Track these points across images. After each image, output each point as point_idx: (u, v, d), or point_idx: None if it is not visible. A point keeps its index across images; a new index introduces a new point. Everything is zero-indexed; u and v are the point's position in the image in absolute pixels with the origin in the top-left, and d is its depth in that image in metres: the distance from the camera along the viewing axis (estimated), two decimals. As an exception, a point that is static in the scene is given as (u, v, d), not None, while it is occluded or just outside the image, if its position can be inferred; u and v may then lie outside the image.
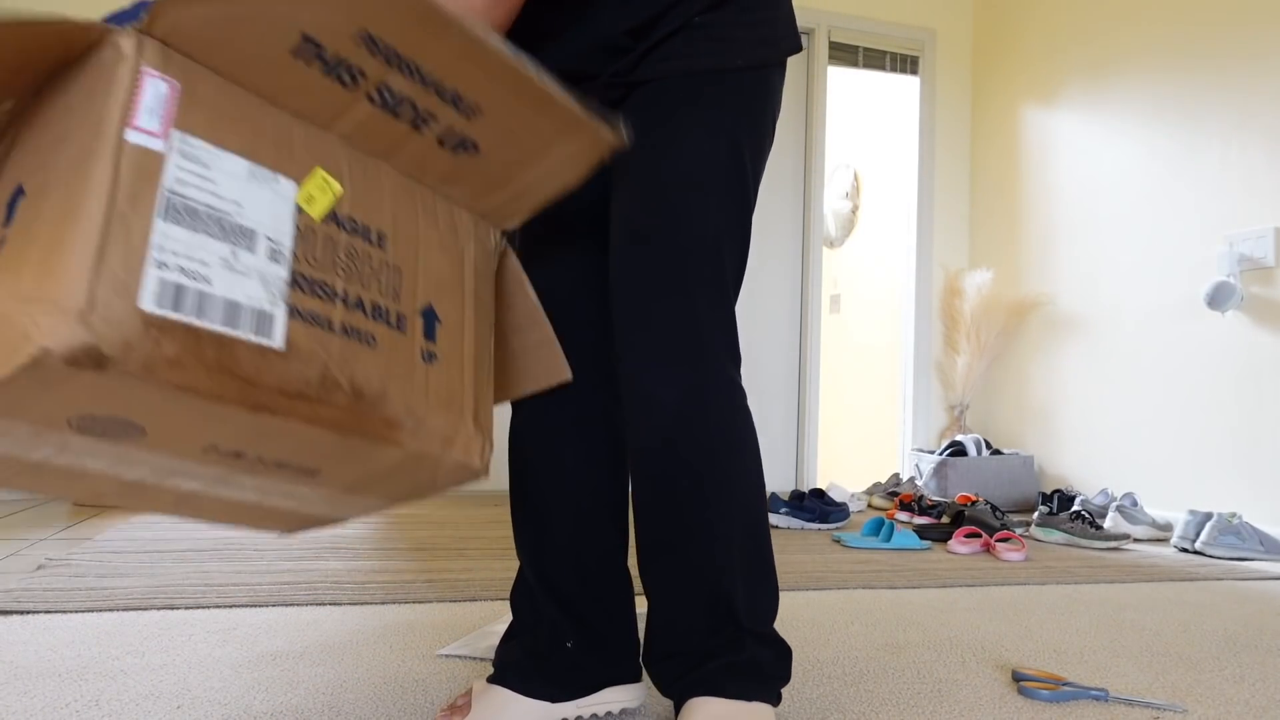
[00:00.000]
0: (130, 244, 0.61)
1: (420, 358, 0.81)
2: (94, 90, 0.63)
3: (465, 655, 1.28)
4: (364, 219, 0.78)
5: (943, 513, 2.94)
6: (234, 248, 0.68)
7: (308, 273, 0.72)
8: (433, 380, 0.83)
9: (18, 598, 1.50)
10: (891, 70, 4.05)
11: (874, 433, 4.72)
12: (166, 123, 0.64)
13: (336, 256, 0.75)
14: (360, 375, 0.75)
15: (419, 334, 0.82)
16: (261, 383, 0.69)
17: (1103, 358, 3.32)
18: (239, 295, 0.68)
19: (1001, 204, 3.91)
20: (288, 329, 0.70)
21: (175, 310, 0.63)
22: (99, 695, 1.08)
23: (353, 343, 0.75)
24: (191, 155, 0.65)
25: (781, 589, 1.82)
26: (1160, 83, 3.13)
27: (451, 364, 0.85)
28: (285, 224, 0.72)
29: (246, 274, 0.68)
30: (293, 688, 1.13)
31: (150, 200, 0.62)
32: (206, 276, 0.65)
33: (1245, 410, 2.76)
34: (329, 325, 0.74)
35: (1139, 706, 1.16)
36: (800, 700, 1.15)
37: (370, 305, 0.77)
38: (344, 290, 0.75)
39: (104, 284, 0.59)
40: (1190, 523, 2.55)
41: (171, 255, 0.63)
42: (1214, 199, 2.91)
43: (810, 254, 3.86)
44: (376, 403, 0.76)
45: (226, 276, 0.67)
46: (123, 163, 0.61)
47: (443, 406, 0.83)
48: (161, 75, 0.64)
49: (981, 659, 1.36)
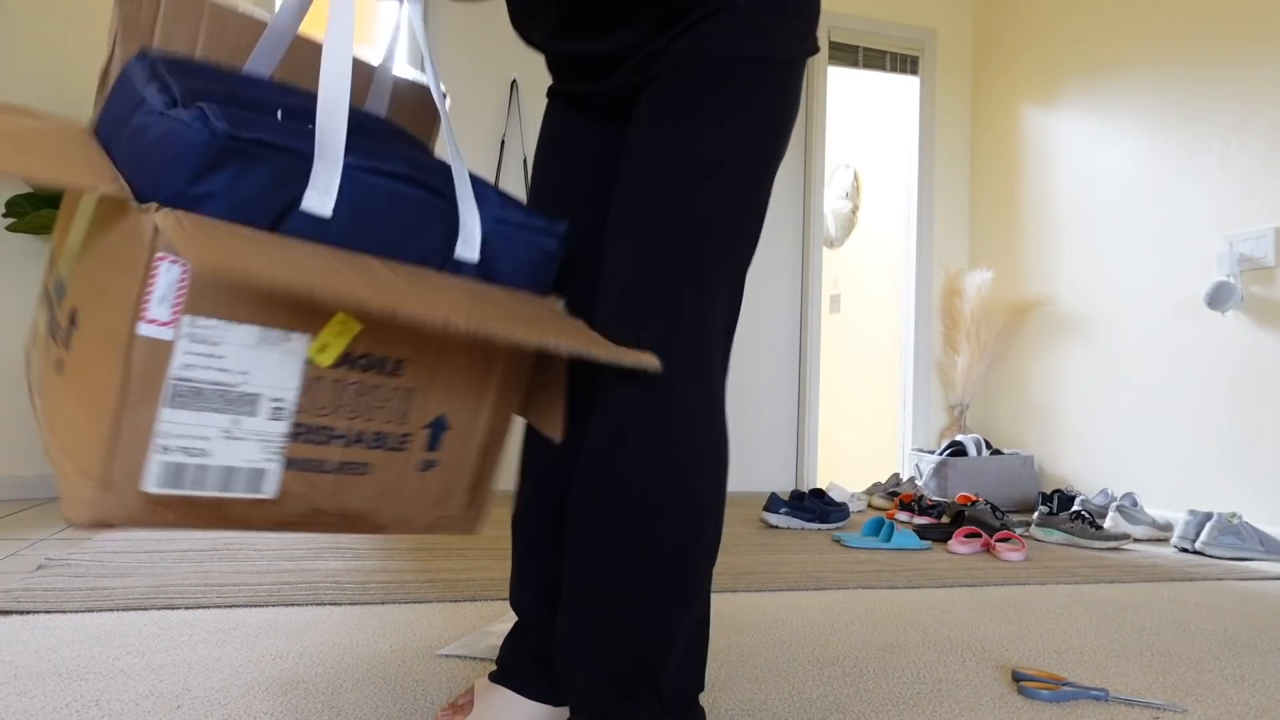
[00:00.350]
0: (139, 430, 0.71)
1: (415, 470, 0.88)
2: (125, 261, 0.71)
3: (465, 655, 1.28)
4: (382, 351, 0.82)
5: (943, 513, 2.94)
6: (236, 416, 0.75)
7: (309, 422, 0.79)
8: (428, 486, 0.89)
9: (18, 598, 1.50)
10: (891, 70, 4.05)
11: (874, 433, 4.72)
12: (177, 310, 0.71)
13: (343, 399, 0.81)
14: (349, 502, 0.84)
15: (420, 449, 0.88)
16: (251, 520, 0.79)
17: (1103, 358, 3.32)
18: (236, 460, 0.76)
19: (1001, 204, 3.91)
20: (281, 480, 0.79)
21: (174, 487, 0.73)
22: (99, 695, 1.08)
23: (345, 476, 0.83)
24: (201, 337, 0.72)
25: (782, 589, 1.82)
26: (1160, 83, 3.13)
27: (452, 465, 0.91)
28: (291, 381, 0.77)
29: (245, 439, 0.76)
30: (293, 687, 1.13)
31: (157, 390, 0.71)
32: (206, 450, 0.74)
33: (1245, 410, 2.76)
34: (322, 468, 0.81)
35: (1139, 706, 1.16)
36: (800, 700, 1.15)
37: (372, 435, 0.84)
38: (345, 429, 0.82)
39: (119, 466, 0.70)
40: (1190, 523, 2.55)
41: (174, 439, 0.72)
42: (1214, 199, 2.91)
43: (810, 254, 3.86)
44: (363, 517, 0.85)
45: (225, 446, 0.75)
46: (135, 357, 0.70)
47: (434, 504, 0.90)
48: (174, 259, 0.70)
49: (981, 659, 1.36)
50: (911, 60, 4.07)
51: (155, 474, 0.72)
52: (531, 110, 3.56)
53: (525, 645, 1.02)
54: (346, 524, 0.84)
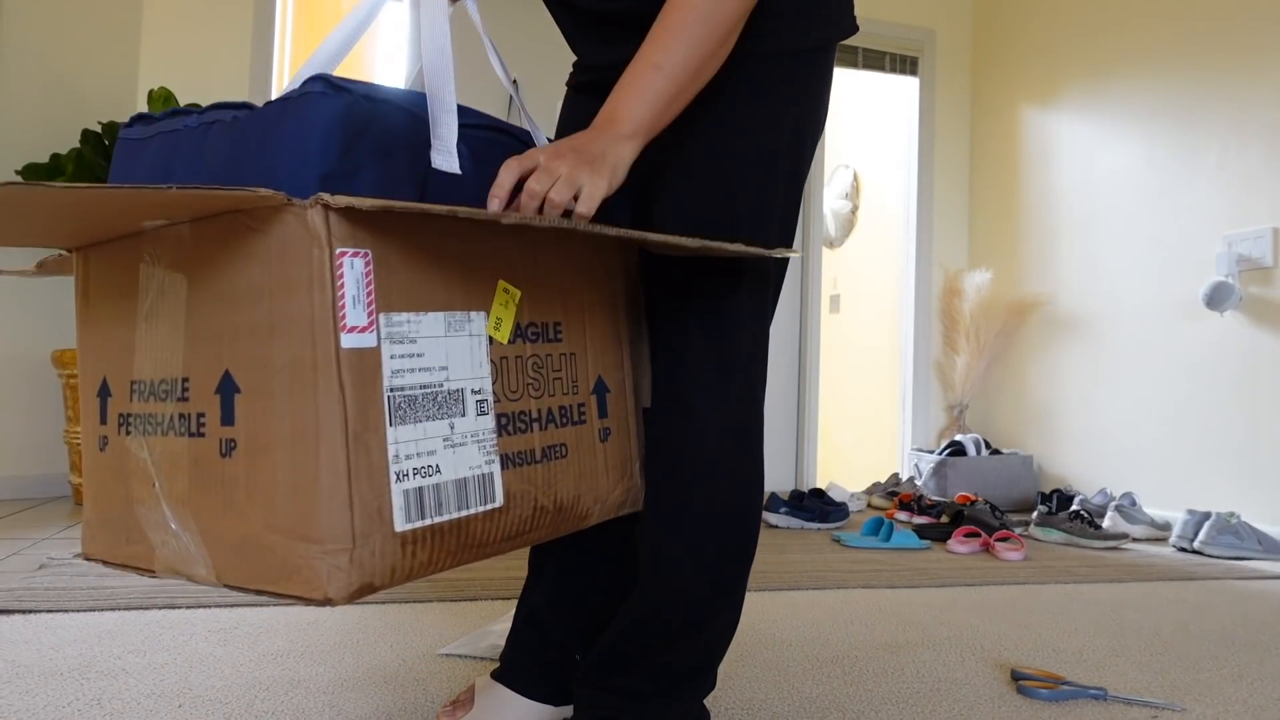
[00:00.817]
0: (372, 464, 0.61)
1: (599, 440, 0.85)
2: (292, 278, 0.61)
3: (466, 655, 1.28)
4: (542, 317, 0.79)
5: (942, 512, 2.94)
6: (450, 420, 0.68)
7: (509, 409, 0.74)
8: (609, 455, 0.87)
9: (20, 597, 1.51)
10: (891, 71, 4.05)
11: (874, 433, 4.72)
12: (372, 310, 0.63)
13: (526, 375, 0.77)
14: (561, 491, 0.79)
15: (595, 417, 0.85)
16: (490, 540, 0.72)
17: (1102, 358, 3.33)
18: (464, 470, 0.69)
19: (1001, 204, 3.91)
20: (504, 482, 0.73)
21: (421, 518, 0.65)
22: (101, 694, 1.08)
23: (552, 464, 0.79)
24: (399, 336, 0.65)
25: (782, 589, 1.82)
26: (1159, 83, 3.14)
27: (620, 427, 0.89)
28: (483, 366, 0.72)
29: (464, 443, 0.69)
30: (294, 687, 1.13)
31: (379, 409, 0.62)
32: (436, 466, 0.66)
33: (1244, 410, 2.77)
34: (532, 458, 0.76)
35: (1137, 705, 1.16)
36: (800, 699, 1.15)
37: (559, 411, 0.80)
38: (537, 410, 0.78)
39: (360, 516, 0.60)
40: (1189, 522, 2.56)
41: (406, 461, 0.64)
42: (1212, 199, 2.91)
43: (810, 254, 3.86)
44: (573, 508, 0.81)
45: (450, 456, 0.68)
46: (346, 377, 0.60)
47: (618, 475, 0.88)
48: (355, 251, 0.62)
49: (981, 658, 1.37)
50: (911, 61, 4.08)
51: (400, 508, 0.63)
52: (532, 110, 3.56)
53: (527, 645, 1.02)
54: (559, 519, 0.80)
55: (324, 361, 0.60)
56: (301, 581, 0.60)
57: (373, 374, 0.62)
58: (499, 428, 0.72)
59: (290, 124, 0.65)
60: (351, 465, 0.60)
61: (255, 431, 0.63)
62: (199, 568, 0.69)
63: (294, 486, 0.61)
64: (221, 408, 0.65)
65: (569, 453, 0.81)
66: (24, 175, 2.63)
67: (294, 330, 0.61)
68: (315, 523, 0.60)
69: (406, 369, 0.65)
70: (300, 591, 0.61)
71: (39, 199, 0.53)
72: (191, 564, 0.69)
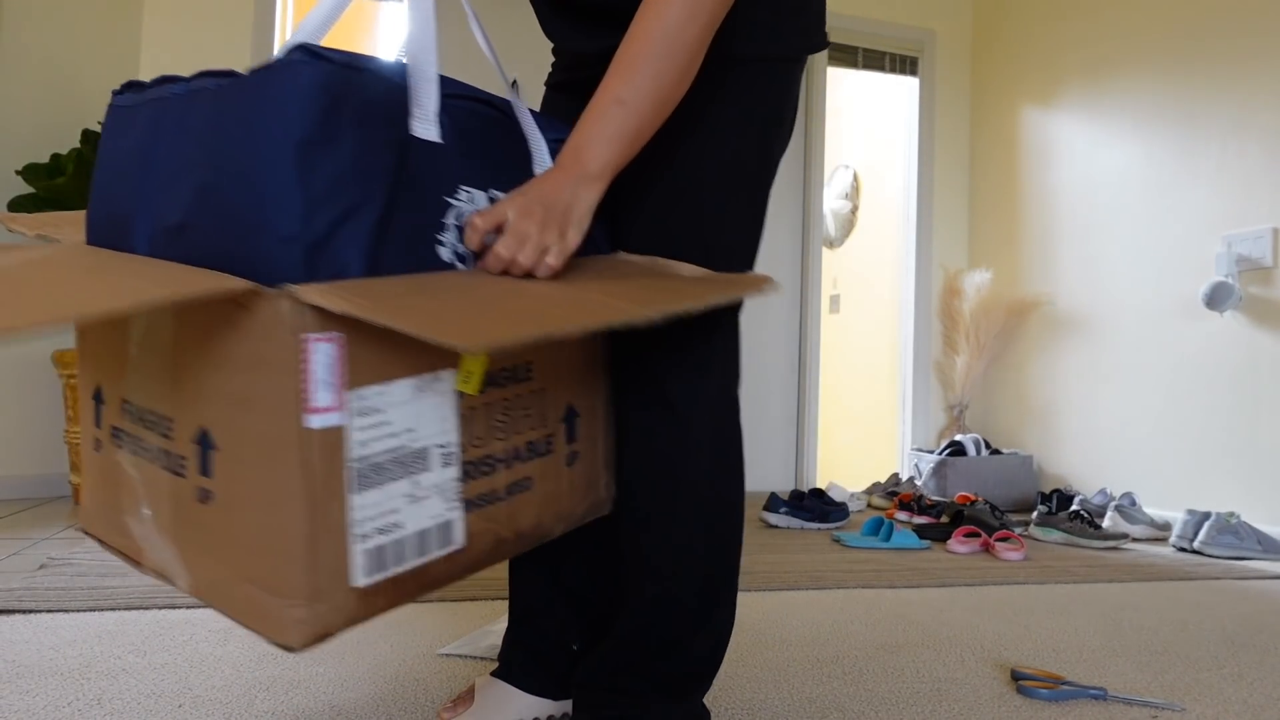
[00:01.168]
0: (332, 530, 0.65)
1: (564, 466, 0.87)
2: (265, 357, 0.64)
3: (465, 654, 1.28)
4: (513, 360, 0.80)
5: (942, 512, 2.94)
6: (414, 477, 0.71)
7: (475, 456, 0.76)
8: (576, 477, 0.88)
9: (20, 597, 1.51)
10: (891, 71, 4.05)
11: (874, 433, 4.72)
12: (340, 390, 0.65)
13: (494, 420, 0.79)
14: (523, 521, 0.82)
15: (562, 445, 0.87)
16: (449, 575, 0.75)
17: (1102, 358, 3.33)
18: (425, 522, 0.72)
19: (1001, 204, 3.91)
20: (466, 524, 0.75)
21: (380, 571, 0.69)
22: (101, 694, 1.08)
23: (516, 497, 0.81)
24: (367, 409, 0.67)
25: (782, 589, 1.82)
26: (1159, 84, 3.14)
27: (589, 448, 0.90)
28: (450, 421, 0.74)
29: (427, 496, 0.72)
30: (294, 687, 1.14)
31: (340, 479, 0.65)
32: (399, 524, 0.70)
33: (1243, 410, 2.77)
34: (496, 497, 0.79)
35: (1137, 705, 1.16)
36: (800, 699, 1.15)
37: (525, 447, 0.82)
38: (504, 451, 0.79)
39: (322, 575, 0.65)
40: (1188, 522, 2.56)
41: (368, 522, 0.68)
42: (1212, 199, 2.91)
43: (810, 254, 3.86)
44: (534, 531, 0.83)
45: (413, 511, 0.71)
46: (312, 453, 0.64)
47: (583, 493, 0.90)
48: (324, 336, 0.64)
49: (980, 658, 1.37)
50: (911, 61, 4.08)
51: (361, 565, 0.67)
52: (531, 110, 3.56)
53: (523, 640, 1.02)
54: (521, 544, 0.82)
55: (291, 441, 0.64)
56: (267, 626, 0.66)
57: (337, 449, 0.65)
58: (464, 475, 0.75)
59: (271, 91, 0.66)
60: (317, 530, 0.65)
61: (230, 489, 0.67)
62: (180, 579, 0.73)
63: (263, 545, 0.66)
64: (200, 459, 0.69)
65: (534, 484, 0.83)
66: (24, 175, 2.63)
67: (265, 407, 0.65)
68: (280, 580, 0.65)
69: (373, 438, 0.68)
70: (265, 634, 0.66)
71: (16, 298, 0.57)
72: (174, 573, 0.74)
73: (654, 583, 0.88)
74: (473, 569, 0.77)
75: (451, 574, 0.75)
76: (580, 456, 0.89)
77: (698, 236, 0.87)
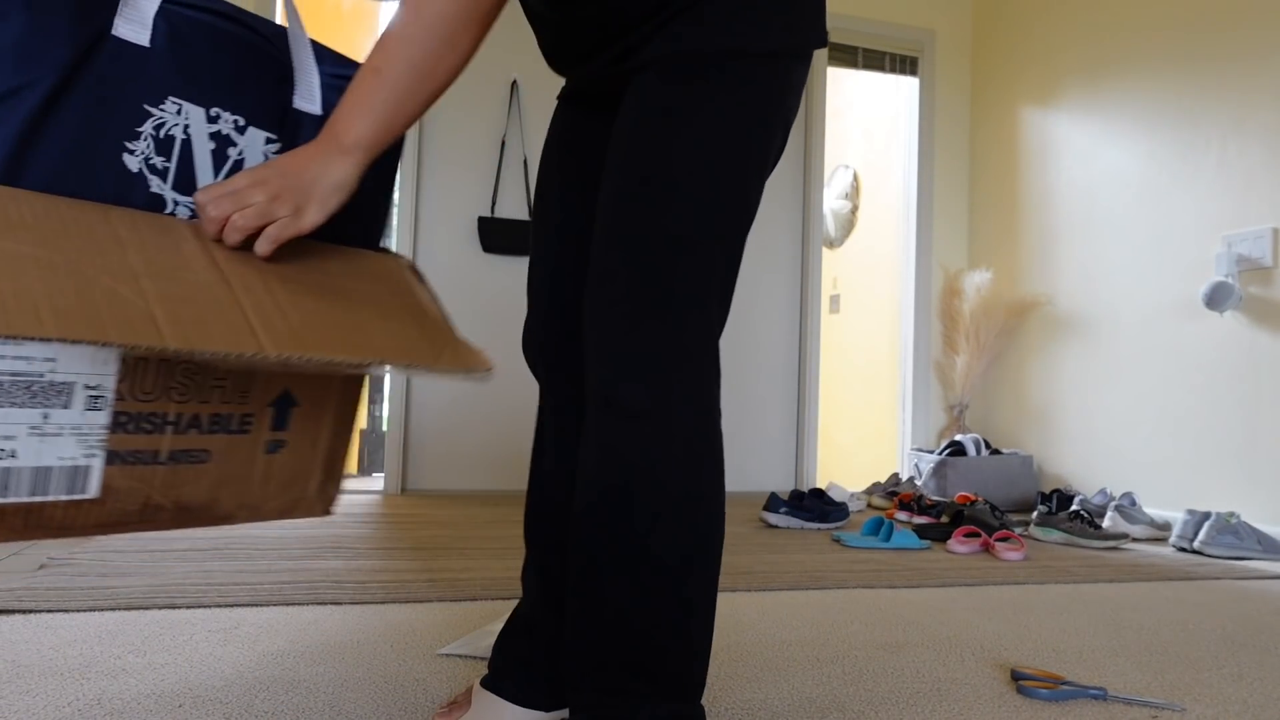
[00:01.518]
0: None
1: (263, 451, 0.82)
2: None
3: (465, 654, 1.28)
4: None
5: (942, 512, 2.94)
6: (45, 410, 0.66)
7: (136, 409, 0.72)
8: (276, 468, 0.83)
9: (20, 596, 1.51)
10: (891, 71, 4.06)
11: (874, 433, 4.72)
12: None
13: (174, 380, 0.74)
14: (186, 494, 0.77)
15: (265, 428, 0.81)
16: (74, 525, 0.70)
17: (1102, 358, 3.33)
18: (49, 459, 0.67)
19: (1001, 204, 3.91)
20: (104, 476, 0.71)
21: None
22: (101, 694, 1.08)
23: (180, 467, 0.76)
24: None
25: (782, 589, 1.82)
26: (1159, 83, 3.14)
27: (304, 444, 0.84)
28: (108, 365, 0.69)
29: (59, 434, 0.68)
30: (294, 687, 1.13)
31: None
32: (11, 450, 0.65)
33: (1243, 410, 2.77)
34: (154, 458, 0.74)
35: (1137, 705, 1.16)
36: (800, 699, 1.15)
37: (209, 418, 0.77)
38: (177, 414, 0.75)
39: None
40: (1188, 522, 2.56)
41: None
42: (1212, 199, 2.91)
43: (810, 254, 3.86)
44: (205, 509, 0.78)
45: (34, 444, 0.67)
46: None
47: (284, 488, 0.84)
48: None
49: (980, 658, 1.37)
50: (911, 61, 4.08)
51: None
52: (532, 111, 3.56)
53: (515, 650, 1.01)
54: (185, 517, 0.77)
55: None
56: None
57: None
58: (115, 424, 0.71)
59: None
60: None
61: None
62: None
63: None
64: None
65: (212, 459, 0.79)
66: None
67: None
68: None
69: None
70: None
71: None
72: None
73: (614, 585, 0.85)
74: (115, 527, 0.74)
75: (83, 525, 0.72)
76: (287, 447, 0.84)
77: (640, 221, 0.83)
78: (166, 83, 0.76)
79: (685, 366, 0.84)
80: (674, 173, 0.83)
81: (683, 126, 0.84)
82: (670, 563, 0.84)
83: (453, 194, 3.48)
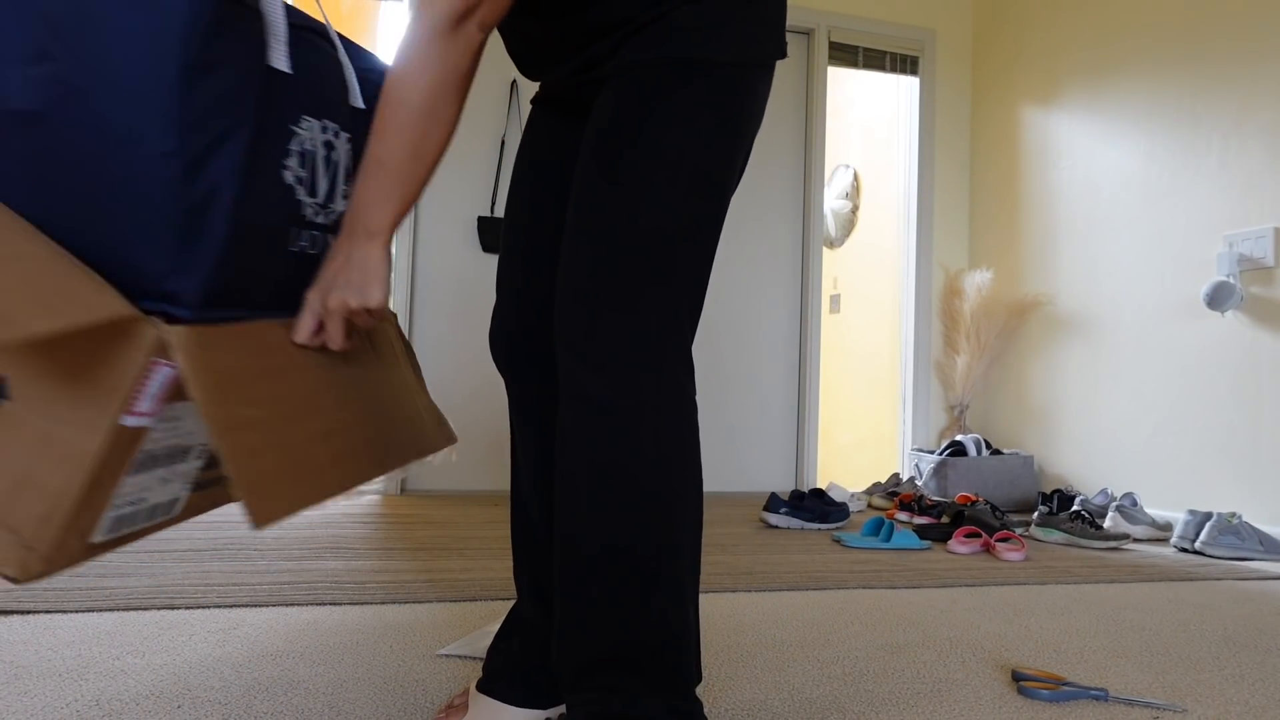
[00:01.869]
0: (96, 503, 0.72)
1: None
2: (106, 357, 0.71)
3: (465, 655, 1.28)
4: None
5: (942, 513, 2.94)
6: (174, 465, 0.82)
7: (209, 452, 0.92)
8: None
9: (18, 597, 1.51)
10: (891, 70, 4.05)
11: (874, 433, 4.72)
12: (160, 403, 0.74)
13: None
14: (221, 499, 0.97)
15: None
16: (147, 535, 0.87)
17: (1102, 358, 3.32)
18: (163, 497, 0.83)
19: (1001, 204, 3.91)
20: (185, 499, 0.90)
21: (115, 532, 0.77)
22: (100, 695, 1.08)
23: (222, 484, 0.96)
24: (170, 415, 0.77)
25: (782, 589, 1.82)
26: (1160, 83, 3.13)
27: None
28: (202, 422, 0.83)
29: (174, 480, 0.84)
30: (293, 687, 1.13)
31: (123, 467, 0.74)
32: (146, 498, 0.80)
33: (1245, 410, 2.76)
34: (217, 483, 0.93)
35: (1139, 706, 1.16)
36: (800, 700, 1.15)
37: None
38: None
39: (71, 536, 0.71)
40: (1190, 523, 2.56)
41: (125, 496, 0.76)
42: (1213, 199, 2.91)
43: (810, 254, 3.86)
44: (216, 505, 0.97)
45: (160, 489, 0.83)
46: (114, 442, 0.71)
47: None
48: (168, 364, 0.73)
49: (981, 659, 1.36)
50: (911, 60, 4.07)
51: (104, 528, 0.74)
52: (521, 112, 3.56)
53: (510, 651, 1.01)
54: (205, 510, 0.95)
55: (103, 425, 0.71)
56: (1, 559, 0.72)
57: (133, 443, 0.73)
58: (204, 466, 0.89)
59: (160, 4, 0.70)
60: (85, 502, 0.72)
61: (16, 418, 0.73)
62: None
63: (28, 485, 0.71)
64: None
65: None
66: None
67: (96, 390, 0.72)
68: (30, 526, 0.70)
69: (164, 438, 0.78)
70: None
71: None
72: None
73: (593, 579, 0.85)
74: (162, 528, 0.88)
75: (149, 533, 0.85)
76: None
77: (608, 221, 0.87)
78: (299, 102, 0.87)
79: (650, 362, 0.85)
80: (642, 175, 0.87)
81: (651, 130, 0.87)
82: (646, 556, 0.85)
83: (452, 194, 3.48)
